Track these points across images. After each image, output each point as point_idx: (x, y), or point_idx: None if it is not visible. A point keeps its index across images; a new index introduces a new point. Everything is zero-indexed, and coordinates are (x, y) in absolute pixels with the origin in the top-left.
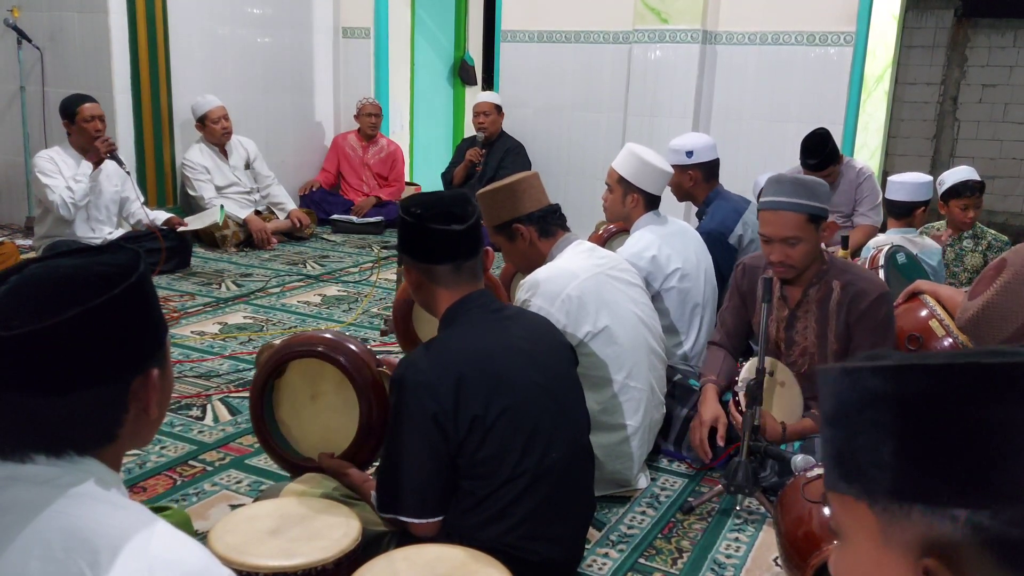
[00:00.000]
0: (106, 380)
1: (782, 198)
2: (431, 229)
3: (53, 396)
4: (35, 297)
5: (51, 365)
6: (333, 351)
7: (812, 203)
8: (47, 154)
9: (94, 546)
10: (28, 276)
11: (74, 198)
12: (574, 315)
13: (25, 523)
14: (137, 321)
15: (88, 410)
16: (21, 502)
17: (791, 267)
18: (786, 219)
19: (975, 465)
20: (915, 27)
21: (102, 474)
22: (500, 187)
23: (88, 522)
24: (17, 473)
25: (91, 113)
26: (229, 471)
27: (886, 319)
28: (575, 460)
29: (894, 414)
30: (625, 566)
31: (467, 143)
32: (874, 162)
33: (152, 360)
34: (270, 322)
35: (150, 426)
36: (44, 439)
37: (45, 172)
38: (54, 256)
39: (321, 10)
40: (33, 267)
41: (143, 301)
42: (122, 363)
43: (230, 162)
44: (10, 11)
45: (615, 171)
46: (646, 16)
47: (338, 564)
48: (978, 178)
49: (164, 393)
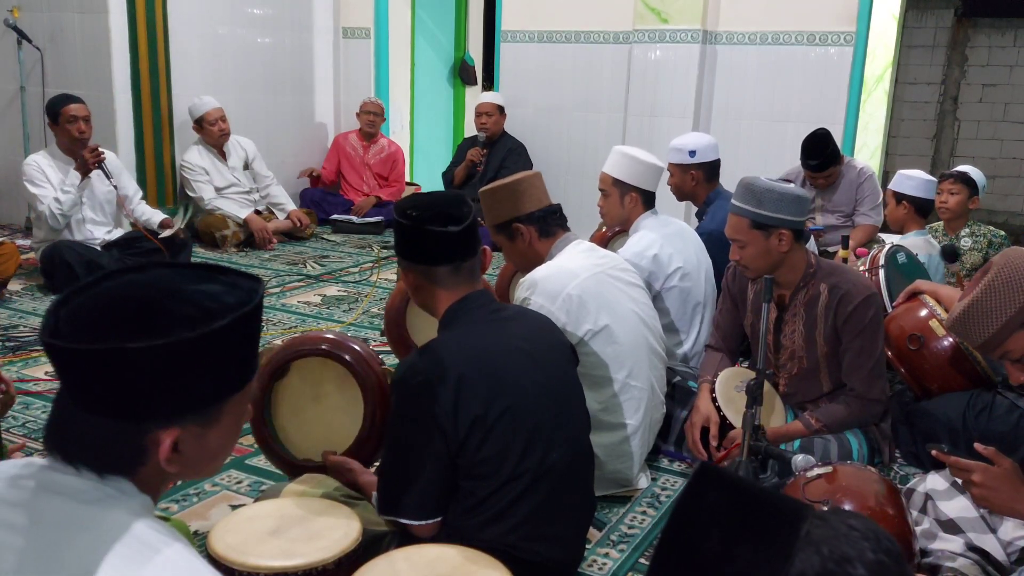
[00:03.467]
0: (122, 418)
1: (734, 201)
2: (428, 231)
3: (80, 409)
4: (105, 313)
5: (80, 382)
6: (338, 350)
7: (754, 210)
8: (34, 160)
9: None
10: (128, 283)
11: (62, 209)
12: (574, 314)
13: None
14: (172, 375)
15: (107, 438)
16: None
17: (744, 267)
18: (733, 222)
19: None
20: (915, 27)
21: (129, 492)
22: (502, 186)
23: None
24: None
25: (74, 114)
26: (229, 471)
27: (873, 321)
28: (576, 460)
29: None
30: (626, 566)
31: (468, 143)
32: (874, 162)
33: (178, 419)
34: (270, 322)
35: (184, 476)
36: (71, 448)
37: (33, 180)
38: (177, 266)
39: (321, 10)
40: (149, 274)
41: (191, 358)
42: (139, 409)
43: (229, 163)
44: (10, 11)
45: (608, 175)
46: (646, 16)
47: (338, 564)
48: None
49: (197, 453)
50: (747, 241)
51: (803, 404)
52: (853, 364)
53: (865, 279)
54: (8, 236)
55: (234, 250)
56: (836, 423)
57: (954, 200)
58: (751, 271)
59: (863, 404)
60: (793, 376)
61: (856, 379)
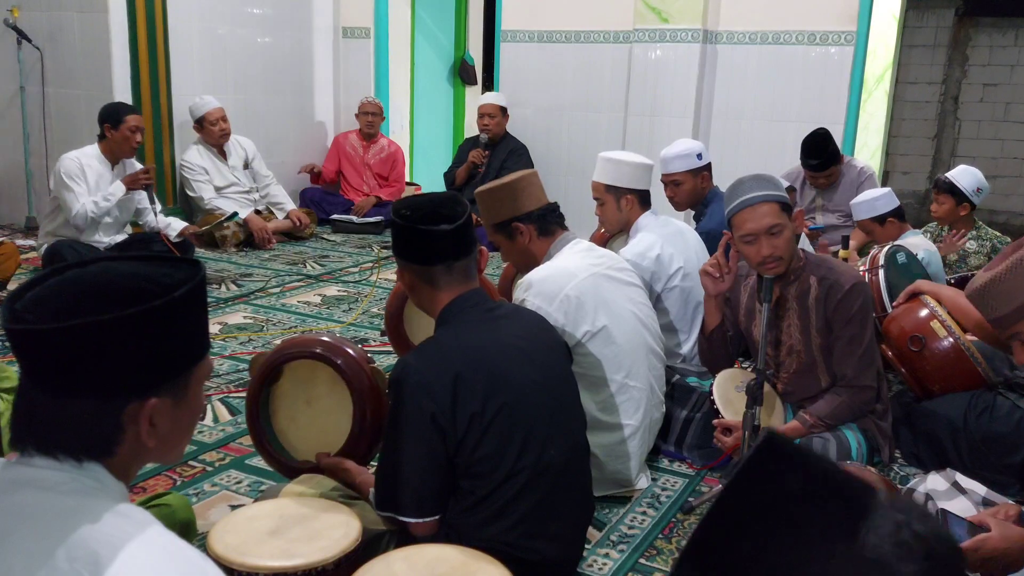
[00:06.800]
0: (98, 396)
1: (753, 194)
2: (420, 230)
3: (51, 396)
4: (66, 296)
5: (51, 366)
6: (328, 352)
7: (779, 193)
8: (76, 156)
9: (97, 555)
10: (79, 274)
11: (96, 213)
12: (572, 315)
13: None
14: (145, 346)
15: (82, 420)
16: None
17: (779, 259)
18: (764, 211)
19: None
20: (916, 26)
21: (106, 481)
22: (499, 185)
23: (91, 530)
24: (27, 477)
25: (137, 124)
26: (229, 471)
27: (861, 310)
28: (573, 457)
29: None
30: (626, 566)
31: (469, 143)
32: (875, 162)
33: (154, 389)
34: (270, 322)
35: (157, 452)
36: (45, 438)
37: (72, 176)
38: (120, 258)
39: (321, 10)
40: (96, 266)
41: (161, 327)
42: (115, 384)
43: (229, 162)
44: (10, 11)
45: (600, 183)
46: (646, 16)
47: (338, 564)
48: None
49: (170, 426)
50: (784, 223)
51: (802, 402)
52: (844, 352)
53: (852, 269)
54: (8, 236)
55: (234, 250)
56: (829, 415)
57: (943, 209)
58: (785, 260)
59: (853, 392)
60: (792, 373)
61: (847, 367)
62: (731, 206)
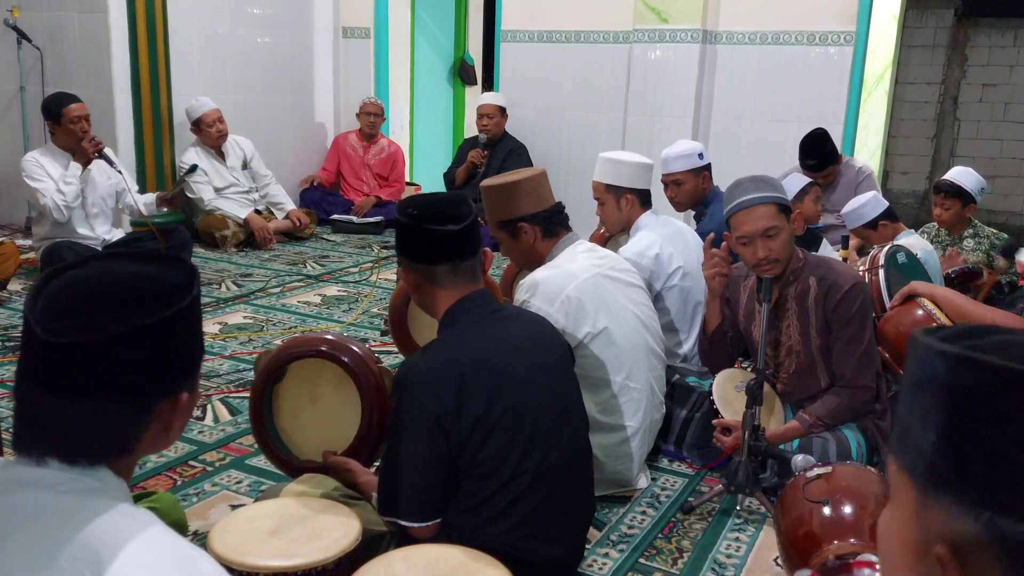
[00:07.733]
0: (132, 399)
1: (750, 195)
2: (427, 230)
3: (76, 400)
4: (87, 303)
5: (84, 373)
6: (336, 351)
7: (777, 194)
8: (33, 156)
9: (98, 554)
10: (84, 276)
11: (66, 200)
12: (573, 316)
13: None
14: (177, 346)
15: (107, 421)
16: (28, 507)
17: (775, 261)
18: (760, 212)
19: (1010, 473)
20: (915, 27)
21: (109, 481)
22: (507, 183)
23: (93, 530)
24: (28, 477)
25: (77, 114)
26: (229, 471)
27: (861, 310)
28: (575, 460)
29: (943, 404)
30: (626, 566)
31: (469, 143)
32: (874, 162)
33: (183, 385)
34: (270, 322)
35: (168, 441)
36: (60, 442)
37: (33, 176)
38: (113, 256)
39: (321, 10)
40: (93, 265)
41: (188, 326)
42: (153, 386)
43: (227, 163)
44: (10, 11)
45: (600, 183)
46: (646, 16)
47: (338, 564)
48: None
49: (185, 417)
50: (781, 226)
51: (801, 402)
52: (843, 352)
53: (852, 269)
54: (8, 236)
55: (234, 250)
56: (828, 414)
57: (948, 214)
58: (781, 263)
59: (852, 392)
60: (792, 373)
61: (846, 367)
62: (728, 207)
